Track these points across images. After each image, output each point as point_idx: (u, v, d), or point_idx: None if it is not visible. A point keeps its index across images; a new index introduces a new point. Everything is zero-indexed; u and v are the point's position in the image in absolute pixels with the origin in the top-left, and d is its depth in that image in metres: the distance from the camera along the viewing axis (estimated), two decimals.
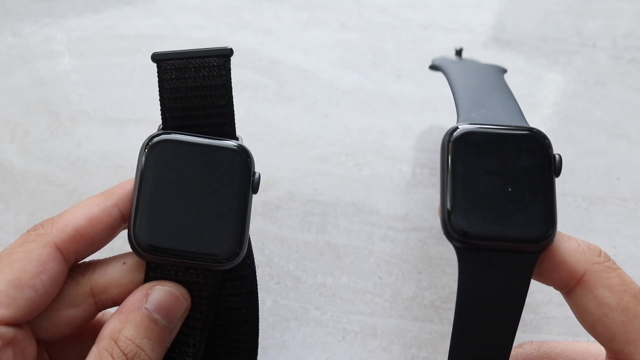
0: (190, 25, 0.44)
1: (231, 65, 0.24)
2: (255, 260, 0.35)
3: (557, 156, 0.23)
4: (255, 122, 0.40)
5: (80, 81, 0.42)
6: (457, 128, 0.23)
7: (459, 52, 0.37)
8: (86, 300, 0.23)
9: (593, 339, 0.23)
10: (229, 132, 0.24)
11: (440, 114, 0.40)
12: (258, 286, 0.26)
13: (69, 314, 0.23)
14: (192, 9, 0.45)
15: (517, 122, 0.24)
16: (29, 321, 0.22)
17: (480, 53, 0.43)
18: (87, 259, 0.24)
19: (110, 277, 0.23)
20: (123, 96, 0.41)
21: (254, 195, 0.24)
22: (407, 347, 0.33)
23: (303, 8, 0.45)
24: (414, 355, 0.33)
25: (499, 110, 0.25)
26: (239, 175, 0.23)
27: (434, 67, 0.36)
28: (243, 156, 0.23)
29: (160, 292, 0.22)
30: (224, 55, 0.24)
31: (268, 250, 0.35)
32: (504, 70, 0.33)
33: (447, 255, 0.35)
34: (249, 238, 0.24)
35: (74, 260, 0.23)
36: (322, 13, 0.45)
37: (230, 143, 0.23)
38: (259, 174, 0.24)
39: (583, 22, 0.44)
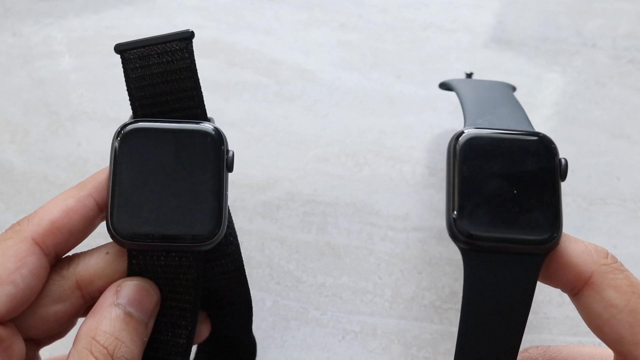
0: (190, 25, 0.44)
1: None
2: (255, 260, 0.35)
3: (562, 160, 0.23)
4: (255, 122, 0.40)
5: (81, 81, 0.42)
6: (463, 132, 0.23)
7: (469, 76, 0.38)
8: (73, 293, 0.23)
9: (597, 341, 0.23)
10: (200, 114, 0.24)
11: (441, 114, 0.40)
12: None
13: (57, 309, 0.23)
14: (192, 9, 0.45)
15: (523, 128, 0.24)
16: (17, 320, 0.22)
17: (481, 53, 0.43)
18: (70, 253, 0.24)
19: (95, 268, 0.23)
20: (123, 96, 0.41)
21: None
22: (407, 347, 0.33)
23: (303, 8, 0.45)
24: (414, 355, 0.33)
25: (505, 117, 0.26)
26: (212, 155, 0.23)
27: (443, 86, 0.37)
28: (215, 136, 0.23)
29: (129, 287, 0.22)
30: (185, 39, 0.24)
31: (268, 250, 0.35)
32: (514, 88, 0.33)
33: (447, 255, 0.35)
34: (229, 216, 0.24)
35: (55, 254, 0.23)
36: (322, 13, 0.45)
37: (201, 125, 0.23)
38: (233, 152, 0.24)
39: (583, 22, 0.44)
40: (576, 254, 0.22)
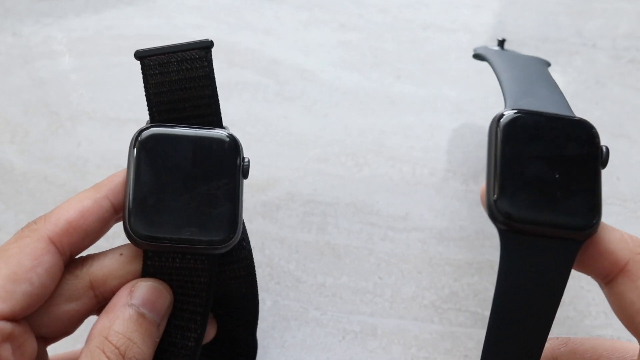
0: (190, 25, 0.44)
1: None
2: (255, 260, 0.35)
3: (604, 148, 0.23)
4: (255, 122, 0.40)
5: (80, 81, 0.42)
6: (504, 114, 0.23)
7: (501, 43, 0.37)
8: (86, 293, 0.23)
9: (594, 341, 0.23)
10: (216, 121, 0.25)
11: (440, 114, 0.40)
12: (258, 286, 0.27)
13: (70, 308, 0.23)
14: (192, 9, 0.45)
15: (564, 112, 0.24)
16: (30, 318, 0.22)
17: None
18: (84, 253, 0.24)
19: (108, 268, 0.23)
20: (123, 96, 0.41)
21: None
22: (407, 347, 0.33)
23: (303, 8, 0.45)
24: (414, 355, 0.33)
25: (546, 100, 0.25)
26: (228, 161, 0.23)
27: (477, 56, 0.36)
28: (231, 143, 0.24)
29: (144, 288, 0.23)
30: (204, 48, 0.24)
31: (268, 250, 0.35)
32: (548, 63, 0.33)
33: (447, 255, 0.35)
34: (244, 223, 0.24)
35: (70, 254, 0.23)
36: (322, 13, 0.45)
37: (218, 132, 0.24)
38: (248, 159, 0.24)
39: (583, 22, 0.44)
40: (613, 242, 0.22)
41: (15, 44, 0.43)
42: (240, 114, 0.40)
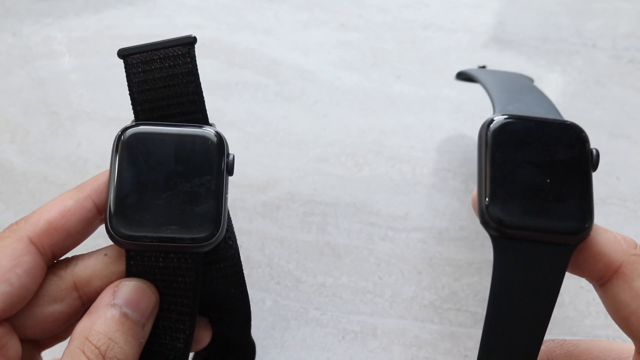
0: (190, 25, 0.44)
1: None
2: (255, 260, 0.35)
3: (594, 150, 0.23)
4: (255, 122, 0.40)
5: (81, 81, 0.42)
6: (493, 119, 0.23)
7: (482, 68, 0.38)
8: (70, 294, 0.23)
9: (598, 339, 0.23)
10: (201, 119, 0.24)
11: (440, 114, 0.40)
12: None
13: (54, 309, 0.23)
14: (192, 9, 0.45)
15: (553, 116, 0.24)
16: (13, 319, 0.22)
17: (480, 53, 0.43)
18: (69, 255, 0.24)
19: (92, 269, 0.23)
20: (123, 96, 0.41)
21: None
22: (407, 347, 0.33)
23: (303, 8, 0.45)
24: (414, 355, 0.33)
25: (534, 105, 0.26)
26: (212, 158, 0.23)
27: (461, 76, 0.37)
28: (216, 140, 0.23)
29: (127, 287, 0.22)
30: (187, 44, 0.24)
31: (268, 250, 0.35)
32: (531, 80, 0.33)
33: (447, 255, 0.35)
34: (229, 221, 0.24)
35: (52, 255, 0.23)
36: (322, 13, 0.45)
37: (202, 129, 0.24)
38: (233, 156, 0.24)
39: (583, 22, 0.44)
40: (606, 244, 0.22)
41: (15, 44, 0.43)
42: (240, 114, 0.40)
